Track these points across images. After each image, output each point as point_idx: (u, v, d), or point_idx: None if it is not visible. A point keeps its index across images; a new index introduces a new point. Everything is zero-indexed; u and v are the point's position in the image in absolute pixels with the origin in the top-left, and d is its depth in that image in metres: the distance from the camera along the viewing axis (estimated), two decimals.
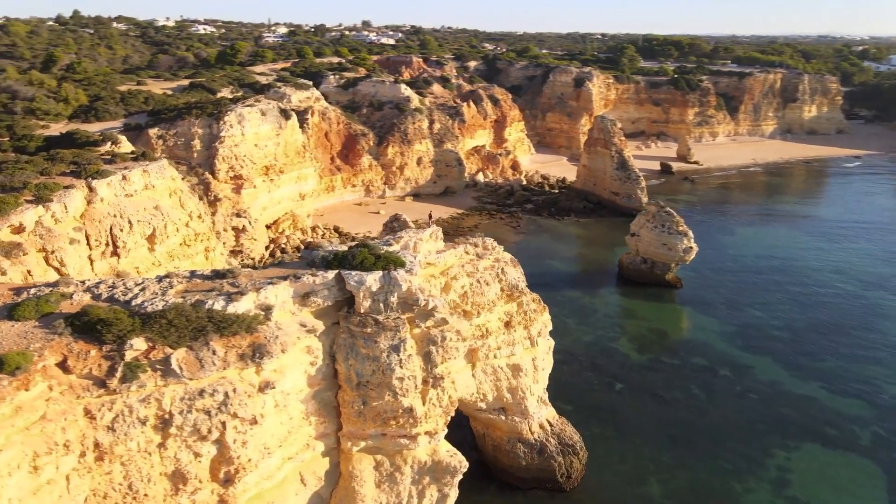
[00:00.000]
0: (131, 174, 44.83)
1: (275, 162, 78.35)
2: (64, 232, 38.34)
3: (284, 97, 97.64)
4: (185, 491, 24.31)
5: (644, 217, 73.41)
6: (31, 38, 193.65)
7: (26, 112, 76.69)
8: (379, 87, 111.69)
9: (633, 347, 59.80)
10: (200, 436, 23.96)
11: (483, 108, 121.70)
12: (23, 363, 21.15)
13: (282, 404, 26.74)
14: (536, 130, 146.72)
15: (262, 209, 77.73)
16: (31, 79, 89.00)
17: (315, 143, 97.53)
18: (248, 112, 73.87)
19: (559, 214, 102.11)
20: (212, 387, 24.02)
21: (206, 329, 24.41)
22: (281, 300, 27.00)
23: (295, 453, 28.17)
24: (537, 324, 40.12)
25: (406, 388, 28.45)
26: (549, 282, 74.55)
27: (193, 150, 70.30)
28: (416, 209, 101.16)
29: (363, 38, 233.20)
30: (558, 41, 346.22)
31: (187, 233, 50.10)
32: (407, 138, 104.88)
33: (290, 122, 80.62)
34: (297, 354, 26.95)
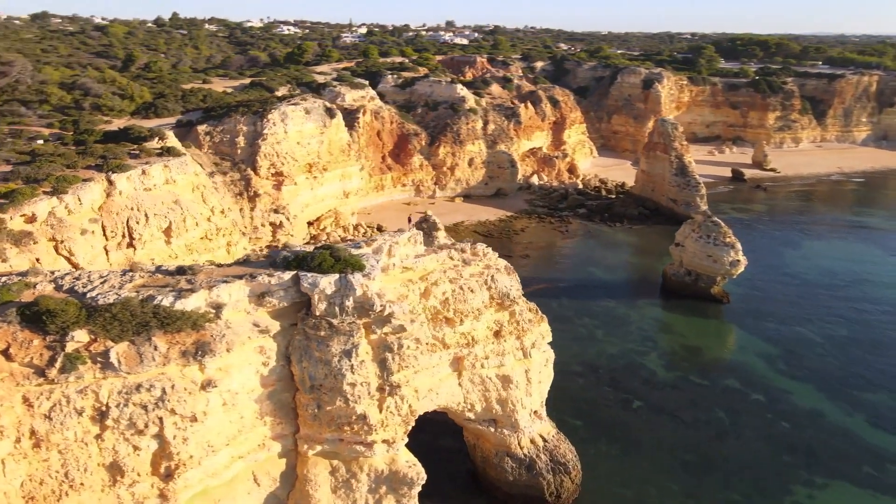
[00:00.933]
0: (151, 169, 46.56)
1: (318, 160, 79.65)
2: (76, 223, 40.22)
3: (339, 96, 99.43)
4: (123, 483, 24.71)
5: (689, 226, 69.56)
6: (126, 38, 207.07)
7: (93, 108, 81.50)
8: (435, 87, 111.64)
9: (661, 363, 56.70)
10: (137, 430, 24.29)
11: (541, 110, 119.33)
12: None
13: (230, 403, 26.78)
14: (601, 133, 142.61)
15: (304, 206, 79.19)
16: (104, 77, 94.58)
17: (366, 141, 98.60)
18: (291, 110, 75.47)
19: (612, 220, 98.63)
20: (149, 382, 24.30)
21: (149, 324, 24.74)
22: (234, 299, 27.03)
23: (247, 452, 28.17)
24: (532, 334, 38.57)
25: (358, 394, 27.87)
26: (586, 289, 72.22)
27: (238, 147, 72.49)
28: (465, 210, 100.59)
29: (437, 38, 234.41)
30: (642, 41, 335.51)
31: (209, 227, 51.56)
32: (459, 139, 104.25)
33: (335, 121, 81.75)
34: (247, 354, 26.91)
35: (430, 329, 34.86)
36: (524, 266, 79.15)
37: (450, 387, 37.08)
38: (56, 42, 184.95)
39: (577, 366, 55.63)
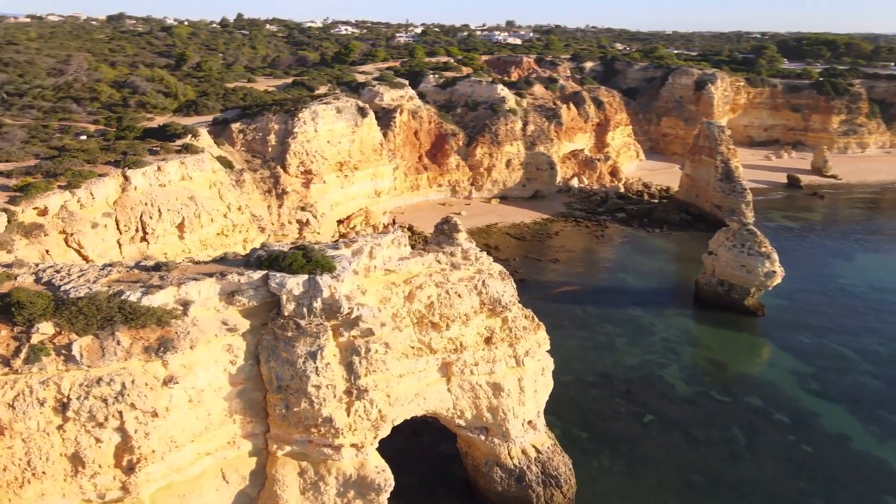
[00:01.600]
0: (167, 165, 47.71)
1: (349, 158, 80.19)
2: (87, 216, 41.55)
3: (377, 95, 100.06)
4: (85, 474, 25.19)
5: (723, 234, 66.58)
6: (190, 39, 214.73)
7: (138, 105, 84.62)
8: (475, 87, 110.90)
9: (680, 377, 54.40)
10: (97, 422, 24.71)
11: (585, 111, 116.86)
12: None
13: (196, 399, 26.95)
14: (649, 136, 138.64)
15: (334, 204, 79.83)
16: (153, 75, 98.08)
17: (403, 140, 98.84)
18: (322, 109, 76.23)
19: (651, 226, 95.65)
20: (110, 376, 24.69)
21: (113, 319, 25.15)
22: (204, 297, 27.20)
23: (214, 449, 28.33)
24: (525, 342, 37.54)
25: (323, 396, 27.62)
26: (614, 296, 70.21)
27: (269, 145, 73.73)
28: (500, 212, 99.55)
29: (491, 37, 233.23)
30: (708, 41, 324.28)
31: (225, 223, 52.48)
32: (497, 139, 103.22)
33: (367, 120, 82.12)
34: (214, 351, 27.03)
35: (415, 333, 34.46)
36: (553, 270, 77.76)
37: (438, 392, 36.51)
38: (124, 42, 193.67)
39: (591, 375, 54.04)
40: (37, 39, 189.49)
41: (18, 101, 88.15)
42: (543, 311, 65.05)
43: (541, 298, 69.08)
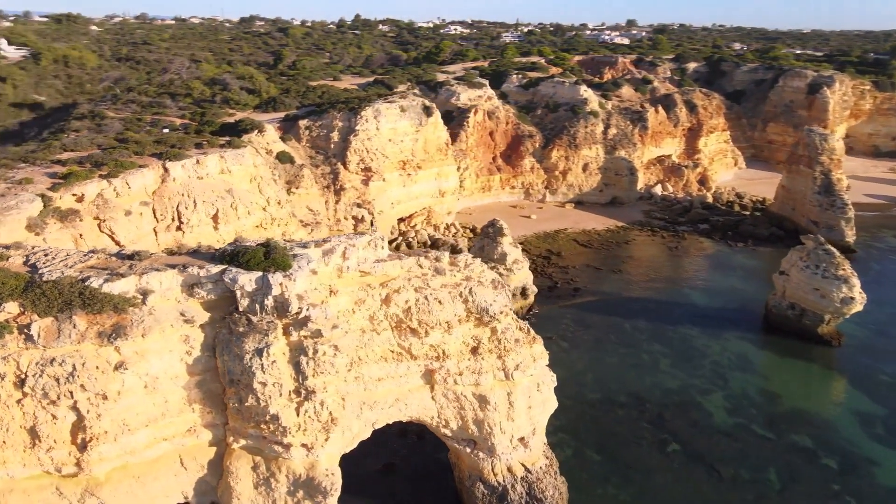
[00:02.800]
0: (206, 159, 50.01)
1: (412, 157, 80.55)
2: (121, 204, 44.38)
3: (454, 95, 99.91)
4: (42, 447, 26.78)
5: (797, 253, 60.39)
6: (303, 39, 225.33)
7: (223, 101, 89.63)
8: (558, 88, 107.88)
9: (722, 406, 49.93)
10: (51, 400, 26.15)
11: (675, 115, 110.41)
12: None
13: (151, 386, 27.87)
14: (753, 142, 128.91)
15: (394, 202, 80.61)
16: (243, 73, 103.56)
17: (476, 141, 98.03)
18: (386, 108, 77.02)
19: (735, 239, 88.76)
20: (62, 357, 26.04)
21: (72, 303, 26.50)
22: (165, 287, 28.05)
23: (172, 436, 29.20)
24: (516, 355, 35.79)
25: (269, 394, 27.68)
26: (670, 312, 65.87)
27: (331, 141, 75.54)
28: (572, 217, 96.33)
29: (597, 37, 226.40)
30: (849, 40, 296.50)
31: (264, 216, 54.31)
32: (575, 142, 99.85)
33: (432, 119, 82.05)
34: (169, 341, 27.81)
35: (395, 337, 33.80)
36: (612, 280, 74.14)
37: (421, 399, 35.65)
38: (243, 42, 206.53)
39: (623, 395, 50.89)
40: (169, 40, 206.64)
41: (126, 95, 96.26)
42: (589, 323, 62.86)
43: (589, 309, 66.22)
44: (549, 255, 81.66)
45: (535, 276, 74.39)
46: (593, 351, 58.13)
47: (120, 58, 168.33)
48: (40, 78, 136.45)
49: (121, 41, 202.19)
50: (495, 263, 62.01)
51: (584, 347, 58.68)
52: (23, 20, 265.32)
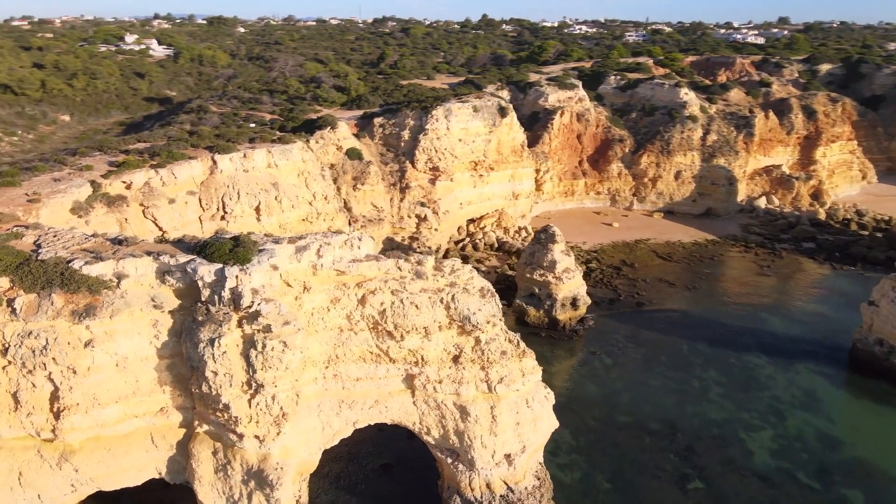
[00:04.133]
0: (254, 153, 52.35)
1: (484, 158, 79.49)
2: (166, 193, 47.51)
3: (542, 96, 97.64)
4: (22, 412, 29.28)
5: (890, 282, 52.90)
6: (423, 39, 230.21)
7: (313, 98, 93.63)
8: (656, 90, 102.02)
9: (768, 446, 44.83)
10: (28, 369, 28.49)
11: (788, 121, 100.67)
12: None
13: (122, 365, 29.58)
14: (890, 154, 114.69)
15: (464, 203, 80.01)
16: (338, 71, 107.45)
17: (561, 143, 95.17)
18: (458, 108, 76.50)
19: (843, 262, 79.55)
20: (38, 331, 28.27)
21: (52, 282, 28.72)
22: (139, 273, 29.63)
23: (143, 414, 30.82)
24: (501, 368, 34.23)
25: (219, 383, 28.40)
26: (740, 338, 60.43)
27: (402, 140, 76.30)
28: (658, 227, 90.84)
29: (727, 36, 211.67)
30: None
31: (310, 210, 56.00)
32: (668, 148, 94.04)
33: (506, 120, 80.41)
34: (138, 324, 29.34)
35: (373, 338, 33.55)
36: (684, 298, 69.14)
37: (402, 404, 35.15)
38: (364, 42, 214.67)
39: (656, 422, 47.23)
40: (298, 40, 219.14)
41: (233, 91, 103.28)
42: (641, 341, 58.97)
43: (647, 326, 62.10)
44: (621, 265, 77.54)
45: (599, 286, 71.29)
46: (637, 371, 54.45)
47: (252, 57, 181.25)
48: (175, 75, 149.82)
49: (258, 42, 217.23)
50: (544, 271, 59.86)
51: (629, 366, 55.13)
52: (186, 22, 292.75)
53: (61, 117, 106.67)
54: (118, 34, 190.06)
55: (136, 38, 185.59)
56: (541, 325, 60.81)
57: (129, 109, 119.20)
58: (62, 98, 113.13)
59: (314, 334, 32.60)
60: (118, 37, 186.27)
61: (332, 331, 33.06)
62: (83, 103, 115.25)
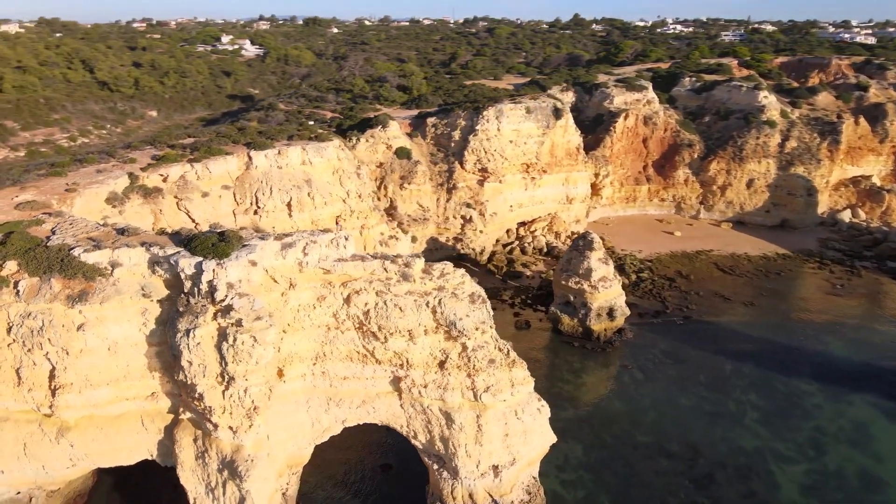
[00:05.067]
0: (289, 150, 53.63)
1: (536, 161, 77.71)
2: (200, 186, 49.48)
3: (607, 98, 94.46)
4: (24, 387, 31.35)
5: None
6: (508, 38, 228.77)
7: (375, 98, 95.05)
8: (733, 93, 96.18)
9: (800, 481, 41.17)
10: (28, 348, 30.47)
11: (882, 128, 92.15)
12: None
13: (113, 349, 31.08)
14: None
15: (515, 205, 78.68)
16: (404, 70, 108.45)
17: (624, 147, 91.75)
18: (509, 109, 75.11)
19: None
20: (36, 313, 30.15)
21: (52, 268, 30.56)
22: (133, 262, 31.01)
23: (133, 397, 32.25)
24: (488, 377, 33.34)
25: (193, 373, 29.21)
26: (795, 359, 56.52)
27: (453, 140, 75.84)
28: (724, 238, 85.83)
29: (833, 36, 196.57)
30: None
31: (343, 208, 56.77)
32: (740, 154, 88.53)
33: (560, 122, 78.14)
34: (127, 311, 30.70)
35: (359, 338, 33.55)
36: (738, 315, 65.00)
37: (390, 405, 35.01)
38: (447, 42, 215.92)
39: (678, 444, 44.56)
40: (384, 40, 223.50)
41: (302, 90, 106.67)
42: (681, 357, 55.98)
43: (691, 342, 58.75)
44: (675, 276, 73.73)
45: (646, 297, 68.23)
46: (669, 388, 51.54)
47: (337, 56, 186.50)
48: (260, 74, 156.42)
49: (347, 42, 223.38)
50: (579, 279, 57.85)
51: (661, 383, 52.28)
52: (288, 24, 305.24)
53: (149, 113, 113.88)
54: (215, 35, 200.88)
55: (230, 39, 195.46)
56: (574, 335, 58.83)
57: (213, 106, 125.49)
58: (152, 95, 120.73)
59: (300, 331, 33.00)
60: (215, 37, 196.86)
61: (320, 328, 33.32)
62: (171, 100, 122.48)
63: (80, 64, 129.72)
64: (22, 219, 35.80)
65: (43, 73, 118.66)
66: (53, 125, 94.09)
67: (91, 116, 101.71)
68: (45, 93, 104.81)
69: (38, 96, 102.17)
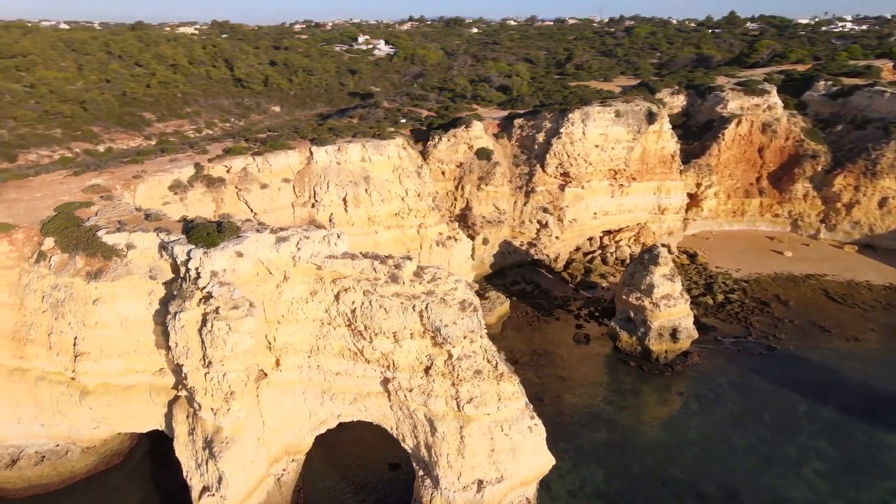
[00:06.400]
0: (349, 146, 54.95)
1: (625, 167, 73.38)
2: (259, 178, 52.03)
3: (721, 102, 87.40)
4: (54, 351, 34.91)
5: None
6: (646, 38, 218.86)
7: (472, 97, 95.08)
8: (875, 99, 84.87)
9: None
10: (54, 317, 33.91)
11: None
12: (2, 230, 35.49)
13: (124, 325, 33.76)
14: None
15: (598, 213, 75.02)
16: (510, 71, 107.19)
17: (734, 156, 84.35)
18: (597, 111, 71.42)
19: None
20: (60, 285, 33.46)
21: (79, 246, 33.74)
22: (145, 245, 33.46)
23: (142, 370, 34.79)
24: (472, 388, 32.22)
25: (179, 354, 30.88)
26: (889, 406, 48.67)
27: (537, 142, 73.68)
28: (846, 263, 76.30)
29: None
30: None
31: (402, 206, 57.25)
32: (873, 169, 78.09)
33: (654, 127, 72.97)
34: (135, 290, 33.18)
35: (350, 336, 33.78)
36: (834, 348, 57.73)
37: (380, 406, 35.02)
38: (580, 42, 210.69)
39: (711, 486, 40.51)
40: (517, 40, 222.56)
41: (407, 89, 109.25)
42: (749, 391, 51.24)
43: (767, 376, 52.94)
44: (771, 301, 66.67)
45: (729, 321, 62.56)
46: (724, 424, 46.71)
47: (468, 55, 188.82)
48: (384, 72, 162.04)
49: (480, 42, 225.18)
50: (640, 294, 54.09)
51: (716, 417, 47.53)
52: (436, 23, 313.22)
53: (272, 108, 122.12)
54: (353, 35, 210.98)
55: (365, 39, 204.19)
56: (632, 353, 55.14)
57: (332, 103, 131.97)
58: (278, 91, 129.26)
59: (295, 323, 33.84)
60: (352, 37, 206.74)
61: (314, 322, 33.95)
62: (295, 96, 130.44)
63: (223, 63, 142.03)
64: (82, 200, 39.80)
65: (190, 71, 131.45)
66: (184, 118, 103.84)
67: (219, 111, 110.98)
68: (184, 88, 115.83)
69: (178, 91, 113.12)
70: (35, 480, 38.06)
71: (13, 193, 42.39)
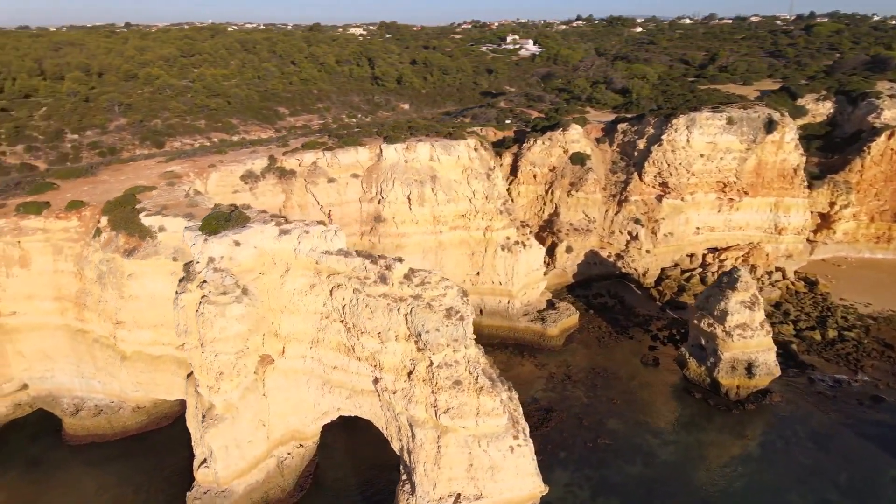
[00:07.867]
0: (418, 145, 55.18)
1: (735, 180, 66.13)
2: (327, 173, 53.86)
3: (874, 111, 76.47)
4: (102, 318, 39.02)
5: None
6: (829, 37, 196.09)
7: (587, 99, 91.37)
8: None
9: None
10: (101, 287, 37.88)
11: None
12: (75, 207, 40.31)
13: (154, 300, 36.92)
14: None
15: (702, 228, 68.70)
16: (633, 72, 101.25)
17: (884, 174, 73.07)
18: (705, 118, 64.91)
19: None
20: (105, 260, 37.27)
21: (121, 225, 37.41)
22: (172, 229, 36.27)
23: (168, 343, 37.79)
24: (450, 398, 31.32)
25: (179, 331, 33.09)
26: None
27: (637, 149, 68.88)
28: None
29: None
30: None
31: (469, 207, 56.57)
32: None
33: (773, 137, 64.67)
34: (161, 270, 36.13)
35: (344, 332, 34.21)
36: None
37: (371, 405, 35.29)
38: (746, 42, 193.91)
39: None
40: (677, 39, 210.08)
41: (527, 89, 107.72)
42: (831, 446, 46.47)
43: (856, 430, 45.56)
44: (893, 343, 57.12)
45: (835, 361, 54.91)
46: (785, 478, 40.81)
47: (617, 57, 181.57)
48: (523, 72, 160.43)
49: (637, 41, 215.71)
50: (713, 321, 48.86)
51: (778, 469, 41.64)
52: (604, 22, 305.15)
53: (401, 106, 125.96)
54: (502, 35, 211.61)
55: (513, 38, 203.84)
56: (700, 384, 50.01)
57: (462, 102, 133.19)
58: (410, 89, 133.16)
59: (296, 314, 34.96)
60: (501, 37, 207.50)
61: (315, 315, 34.81)
62: (426, 95, 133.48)
63: (367, 62, 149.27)
64: (149, 185, 43.97)
65: (335, 69, 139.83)
66: (314, 112, 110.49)
67: (349, 107, 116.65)
68: (321, 85, 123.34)
69: (315, 88, 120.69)
70: (93, 430, 42.79)
71: (104, 175, 47.92)
